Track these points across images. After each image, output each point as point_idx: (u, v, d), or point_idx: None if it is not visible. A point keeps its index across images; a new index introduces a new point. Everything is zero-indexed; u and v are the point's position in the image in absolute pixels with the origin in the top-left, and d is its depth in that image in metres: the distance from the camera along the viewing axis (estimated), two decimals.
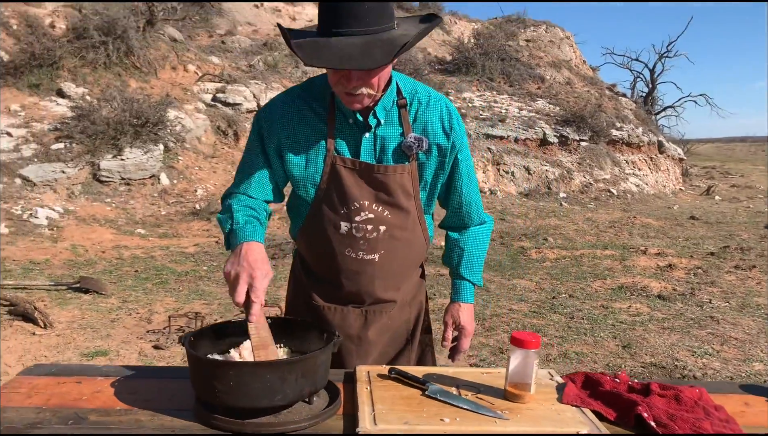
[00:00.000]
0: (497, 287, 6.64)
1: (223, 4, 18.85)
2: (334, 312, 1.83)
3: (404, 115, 1.71)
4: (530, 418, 1.44)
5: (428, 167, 1.76)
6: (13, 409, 1.44)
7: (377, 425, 1.36)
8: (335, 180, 1.69)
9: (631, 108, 23.08)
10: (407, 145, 1.69)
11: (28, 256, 7.11)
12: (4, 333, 4.71)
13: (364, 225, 1.72)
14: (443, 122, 1.74)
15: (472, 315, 1.97)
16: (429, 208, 1.85)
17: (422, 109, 1.73)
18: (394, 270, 1.81)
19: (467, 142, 1.83)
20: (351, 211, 1.71)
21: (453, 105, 1.81)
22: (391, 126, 1.71)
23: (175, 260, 7.43)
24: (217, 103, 13.36)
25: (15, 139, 10.01)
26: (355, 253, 1.75)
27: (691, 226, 12.13)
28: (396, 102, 1.71)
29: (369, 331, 1.84)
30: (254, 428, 1.35)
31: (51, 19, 13.71)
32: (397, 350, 1.92)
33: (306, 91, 1.74)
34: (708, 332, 5.20)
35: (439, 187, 1.82)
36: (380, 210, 1.72)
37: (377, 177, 1.69)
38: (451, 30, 25.77)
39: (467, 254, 1.93)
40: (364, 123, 1.68)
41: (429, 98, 1.75)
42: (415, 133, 1.70)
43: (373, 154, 1.71)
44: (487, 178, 14.82)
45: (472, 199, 1.88)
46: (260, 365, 1.40)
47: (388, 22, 1.52)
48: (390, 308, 1.86)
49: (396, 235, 1.75)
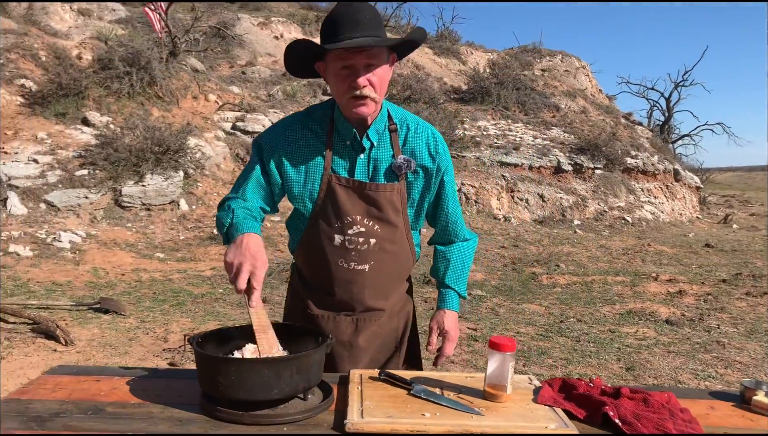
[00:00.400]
0: (506, 311, 6.74)
1: (244, 36, 19.38)
2: (327, 320, 2.00)
3: (395, 139, 1.90)
4: (504, 414, 1.58)
5: (416, 187, 1.94)
6: (39, 401, 1.61)
7: (363, 418, 1.50)
8: (331, 196, 1.88)
9: (647, 136, 23.15)
10: (397, 165, 1.88)
11: (52, 278, 7.35)
12: (27, 350, 4.91)
13: (356, 238, 1.89)
14: (429, 147, 1.93)
15: (456, 322, 2.11)
16: (416, 225, 2.02)
17: (411, 134, 1.93)
18: (382, 280, 1.97)
19: (452, 166, 2.02)
20: (344, 225, 1.88)
21: (438, 132, 2.00)
22: (382, 148, 1.90)
23: (192, 282, 7.63)
24: (236, 132, 13.70)
25: (41, 166, 10.37)
26: (348, 263, 1.92)
27: (705, 253, 12.12)
28: (387, 127, 1.90)
29: (359, 337, 2.00)
30: (252, 419, 1.50)
31: (78, 50, 14.23)
32: (387, 356, 2.07)
33: (307, 117, 1.94)
34: (713, 355, 5.25)
35: (425, 205, 2.00)
36: (371, 224, 1.89)
37: (369, 194, 1.87)
38: (467, 60, 26.14)
39: (452, 266, 2.09)
40: (359, 145, 1.87)
41: (417, 125, 1.95)
42: (404, 155, 1.89)
43: (367, 173, 1.89)
44: (501, 205, 14.93)
45: (458, 218, 2.07)
46: (258, 361, 1.56)
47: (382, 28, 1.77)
48: (379, 316, 2.01)
49: (385, 247, 1.92)
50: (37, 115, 11.82)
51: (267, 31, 21.10)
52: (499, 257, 10.50)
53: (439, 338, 2.11)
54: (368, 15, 1.72)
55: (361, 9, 1.72)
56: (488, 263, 9.81)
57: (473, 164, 15.52)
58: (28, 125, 11.52)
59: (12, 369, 4.44)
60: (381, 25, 1.77)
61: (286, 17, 22.63)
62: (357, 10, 1.72)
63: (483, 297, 7.40)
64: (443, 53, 25.56)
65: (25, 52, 13.30)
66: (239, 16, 20.82)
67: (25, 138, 11.15)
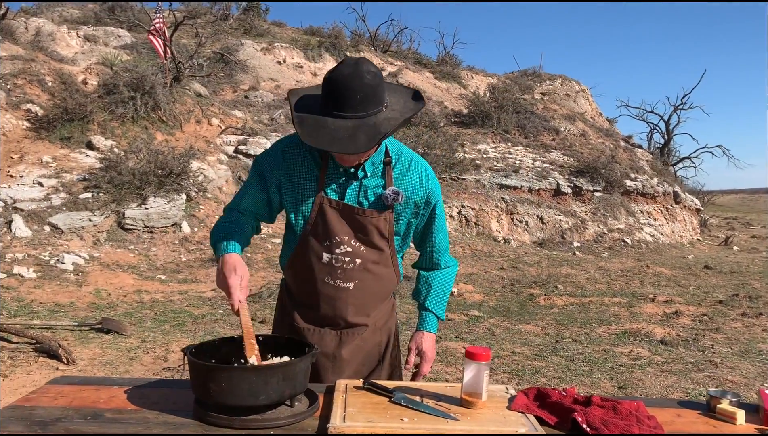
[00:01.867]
0: (503, 332, 6.81)
1: (247, 61, 19.69)
2: (313, 333, 2.11)
3: (388, 171, 2.02)
4: (478, 420, 1.68)
5: (403, 217, 2.07)
6: (42, 407, 1.71)
7: (345, 423, 1.60)
8: (322, 217, 2.00)
9: (647, 159, 23.31)
10: (385, 196, 1.99)
11: (54, 299, 7.46)
12: (30, 368, 5.01)
13: (343, 257, 2.02)
14: (421, 182, 2.05)
15: (433, 344, 2.25)
16: (402, 250, 2.16)
17: (404, 169, 2.04)
18: (365, 298, 2.09)
19: (441, 199, 2.15)
20: (332, 244, 2.01)
21: (430, 167, 2.13)
22: (375, 178, 2.01)
23: (193, 303, 7.73)
24: (238, 155, 13.89)
25: (46, 189, 10.54)
26: (333, 281, 2.04)
27: (704, 275, 12.18)
28: (383, 160, 2.02)
29: (343, 350, 2.11)
30: (241, 423, 1.61)
31: (84, 76, 14.50)
32: (370, 368, 2.18)
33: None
34: (705, 374, 5.31)
35: (411, 234, 2.13)
36: (357, 246, 2.02)
37: (357, 218, 2.00)
38: (468, 84, 26.45)
39: (434, 290, 2.23)
40: (354, 174, 1.99)
41: (411, 161, 2.06)
42: (394, 187, 2.00)
43: (356, 199, 2.01)
44: (501, 227, 15.04)
45: (443, 248, 2.20)
46: (247, 369, 1.66)
47: (377, 106, 1.83)
48: (362, 331, 2.13)
49: (369, 268, 2.05)
50: (42, 139, 12.02)
51: (270, 56, 21.43)
52: (498, 278, 10.58)
53: (417, 357, 2.22)
54: (360, 95, 1.78)
55: (354, 88, 1.77)
56: (487, 285, 9.89)
57: (473, 187, 15.67)
58: (33, 149, 11.72)
59: (15, 387, 4.53)
60: (377, 99, 1.82)
61: (288, 42, 22.98)
62: (352, 88, 1.77)
63: (480, 318, 7.48)
64: (444, 77, 25.89)
65: (31, 77, 13.56)
66: (243, 41, 21.16)
67: (30, 162, 11.33)
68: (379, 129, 1.80)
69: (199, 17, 23.01)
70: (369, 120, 1.80)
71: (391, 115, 1.85)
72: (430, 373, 5.06)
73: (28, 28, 18.15)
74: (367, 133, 1.79)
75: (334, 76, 1.81)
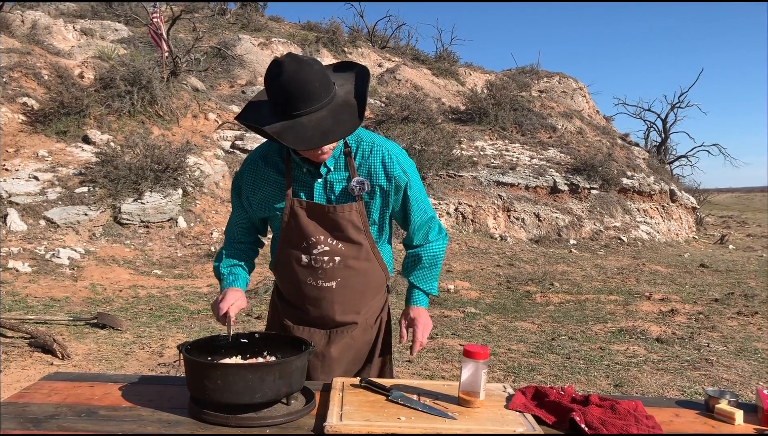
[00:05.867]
0: (499, 329, 6.81)
1: (244, 56, 19.62)
2: (302, 332, 2.10)
3: (350, 161, 2.00)
4: (476, 419, 1.67)
5: (374, 206, 2.03)
6: (36, 404, 1.70)
7: (342, 421, 1.59)
8: (294, 219, 1.99)
9: (644, 157, 23.33)
10: (351, 187, 1.98)
11: (50, 293, 7.42)
12: (24, 363, 4.98)
13: (321, 257, 2.00)
14: (385, 166, 2.00)
15: (425, 314, 2.16)
16: (382, 240, 2.11)
17: (366, 155, 2.00)
18: (351, 296, 2.07)
19: (415, 177, 2.07)
20: (309, 245, 2.01)
21: (396, 149, 2.06)
22: (338, 171, 1.99)
23: (189, 299, 7.71)
24: (235, 150, 13.85)
25: (41, 183, 10.49)
26: (315, 281, 2.04)
27: (700, 273, 12.20)
28: (342, 150, 2.00)
29: (332, 348, 2.10)
30: (237, 421, 1.59)
31: (80, 69, 14.42)
32: (359, 367, 2.16)
33: (267, 151, 2.06)
34: (701, 373, 5.32)
35: (387, 222, 2.10)
36: (335, 243, 2.00)
37: (329, 215, 1.98)
38: (465, 81, 26.42)
39: (420, 265, 2.16)
40: (317, 171, 1.98)
41: (372, 145, 2.02)
42: (359, 177, 1.98)
43: (324, 196, 2.00)
44: (498, 224, 15.04)
45: (425, 224, 2.13)
46: (243, 366, 1.65)
47: (332, 87, 1.83)
48: (351, 329, 2.12)
49: (350, 264, 2.03)
50: (38, 133, 11.96)
51: (267, 51, 21.35)
52: (494, 275, 10.58)
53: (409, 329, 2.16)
54: (318, 83, 1.76)
55: (309, 80, 1.75)
56: (483, 282, 9.89)
57: (470, 184, 15.65)
58: (29, 143, 11.66)
59: (9, 382, 4.51)
60: (329, 81, 1.81)
61: (286, 38, 22.92)
62: (306, 81, 1.74)
63: (476, 315, 7.47)
64: (441, 74, 25.84)
65: (27, 70, 13.49)
66: (240, 36, 21.09)
67: (26, 155, 11.28)
68: (350, 103, 1.82)
69: (196, 12, 22.90)
70: (336, 101, 1.81)
71: (345, 88, 1.86)
72: (426, 370, 5.06)
73: (25, 21, 18.05)
74: (345, 112, 1.80)
75: (284, 79, 1.74)
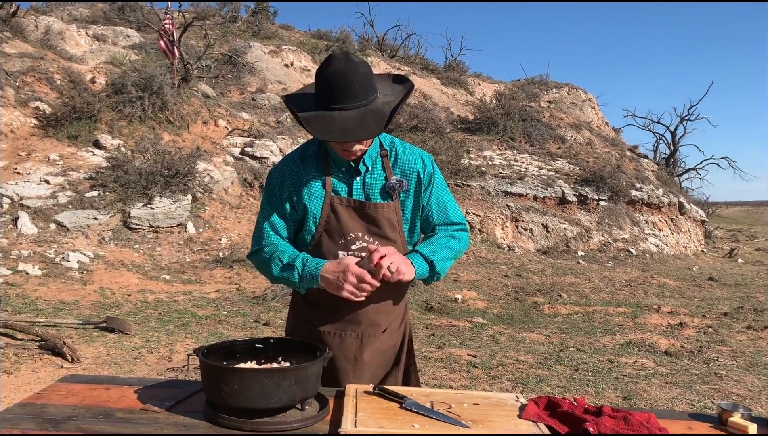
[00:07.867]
0: (507, 339, 6.79)
1: (254, 63, 19.74)
2: (333, 336, 2.10)
3: (386, 163, 2.09)
4: (490, 428, 1.67)
5: (408, 205, 2.11)
6: (53, 406, 1.71)
7: (357, 427, 1.60)
8: (334, 216, 2.04)
9: (653, 169, 23.28)
10: (390, 185, 2.06)
11: (59, 296, 7.47)
12: (34, 365, 5.01)
13: (360, 253, 2.02)
14: (418, 168, 2.11)
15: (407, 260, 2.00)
16: (412, 241, 2.17)
17: (400, 156, 2.11)
18: (385, 294, 2.08)
19: (442, 180, 2.18)
20: (348, 241, 2.04)
21: (426, 153, 2.18)
22: (376, 172, 2.08)
23: (197, 304, 7.73)
24: (245, 157, 13.91)
25: (52, 187, 10.56)
26: None
27: (708, 287, 12.14)
28: (379, 152, 2.10)
29: (364, 353, 2.10)
30: (253, 426, 1.60)
31: (92, 75, 14.55)
32: (386, 371, 2.17)
33: (305, 151, 2.13)
34: (710, 387, 5.29)
35: (417, 222, 2.16)
36: (372, 240, 2.04)
37: (368, 212, 2.04)
38: (474, 91, 26.48)
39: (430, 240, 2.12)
40: (355, 169, 2.05)
41: (405, 149, 2.14)
42: (397, 177, 2.07)
43: (363, 194, 2.06)
44: (506, 234, 15.02)
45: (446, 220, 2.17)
46: (259, 371, 1.66)
47: (374, 93, 1.93)
48: (380, 332, 2.13)
49: None
50: (50, 137, 12.07)
51: (278, 59, 21.48)
52: (502, 285, 10.57)
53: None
54: (358, 84, 1.87)
55: (352, 79, 1.86)
56: (491, 292, 9.88)
57: (478, 193, 15.65)
58: (41, 147, 11.76)
59: (20, 384, 4.54)
60: (372, 86, 1.92)
61: (296, 46, 23.05)
62: (349, 79, 1.85)
63: (484, 325, 7.47)
64: (450, 83, 25.92)
65: (40, 75, 13.62)
66: (251, 44, 21.22)
67: (37, 159, 11.37)
68: (382, 112, 1.90)
69: (208, 19, 23.09)
70: (371, 106, 1.90)
71: (386, 99, 1.95)
72: (434, 380, 5.05)
73: (38, 27, 18.25)
74: (373, 118, 1.88)
75: (330, 73, 1.87)
